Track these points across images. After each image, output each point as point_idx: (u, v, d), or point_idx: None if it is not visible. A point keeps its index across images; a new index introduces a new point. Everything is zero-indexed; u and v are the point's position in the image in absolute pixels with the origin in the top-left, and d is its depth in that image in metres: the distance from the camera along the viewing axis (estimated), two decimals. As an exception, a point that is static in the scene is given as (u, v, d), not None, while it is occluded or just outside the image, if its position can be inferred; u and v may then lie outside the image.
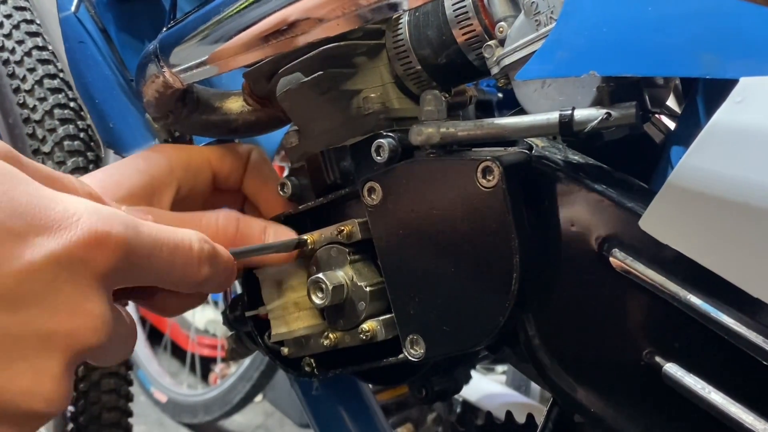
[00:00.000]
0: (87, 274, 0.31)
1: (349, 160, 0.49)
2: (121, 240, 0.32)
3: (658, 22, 0.33)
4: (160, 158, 0.51)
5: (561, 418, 0.47)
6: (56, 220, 0.31)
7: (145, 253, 0.34)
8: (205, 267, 0.39)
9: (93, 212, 0.32)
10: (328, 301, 0.45)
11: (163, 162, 0.50)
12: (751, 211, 0.30)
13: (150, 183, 0.49)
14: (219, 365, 2.26)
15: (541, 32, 0.38)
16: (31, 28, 0.81)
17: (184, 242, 0.37)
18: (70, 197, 0.32)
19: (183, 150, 0.54)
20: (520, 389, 1.34)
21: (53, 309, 0.30)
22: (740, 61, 0.30)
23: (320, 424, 0.64)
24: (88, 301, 0.31)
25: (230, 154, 0.55)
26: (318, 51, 0.46)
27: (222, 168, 0.54)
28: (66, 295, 0.31)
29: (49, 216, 0.31)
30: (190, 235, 0.38)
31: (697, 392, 0.34)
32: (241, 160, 0.55)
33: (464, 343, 0.42)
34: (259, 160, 0.55)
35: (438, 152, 0.42)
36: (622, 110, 0.36)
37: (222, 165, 0.54)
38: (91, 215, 0.32)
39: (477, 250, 0.40)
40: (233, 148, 0.56)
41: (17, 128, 0.76)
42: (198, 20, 0.46)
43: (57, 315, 0.30)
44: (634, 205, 0.36)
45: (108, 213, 0.33)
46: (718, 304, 0.33)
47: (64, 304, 0.31)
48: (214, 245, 0.40)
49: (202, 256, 0.39)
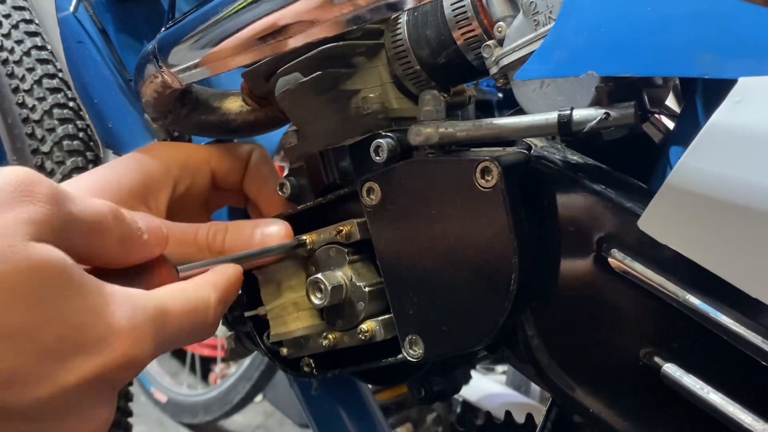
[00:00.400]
0: (112, 391, 0.33)
1: (348, 160, 0.49)
2: (148, 358, 0.33)
3: (657, 22, 0.33)
4: (157, 157, 0.51)
5: (560, 418, 0.47)
6: (94, 340, 0.31)
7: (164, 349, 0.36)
8: (215, 325, 0.40)
9: (130, 331, 0.32)
10: (327, 302, 0.45)
11: (159, 160, 0.50)
12: (749, 211, 0.30)
13: (145, 182, 0.49)
14: (219, 365, 2.26)
15: (540, 32, 0.38)
16: (30, 28, 0.80)
17: (197, 316, 0.38)
18: (114, 308, 0.32)
19: (180, 148, 0.54)
20: (520, 389, 1.34)
21: (70, 420, 0.31)
22: (739, 61, 0.30)
23: (319, 424, 0.64)
24: (102, 410, 0.33)
25: (230, 153, 0.55)
26: (317, 51, 0.46)
27: (221, 167, 0.54)
28: (85, 410, 0.32)
29: (89, 336, 0.31)
30: (207, 301, 0.38)
31: (696, 392, 0.34)
32: (241, 159, 0.55)
33: (463, 344, 0.42)
34: (260, 159, 0.55)
35: (437, 152, 0.42)
36: (620, 110, 0.36)
37: (221, 164, 0.54)
38: (128, 336, 0.32)
39: (476, 250, 0.40)
40: (234, 147, 0.56)
41: (16, 128, 0.76)
42: (196, 20, 0.46)
43: (70, 424, 0.31)
44: (632, 205, 0.36)
45: (142, 330, 0.33)
46: (717, 304, 0.33)
47: (80, 416, 0.32)
48: (225, 298, 0.40)
49: (216, 318, 0.39)
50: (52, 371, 0.30)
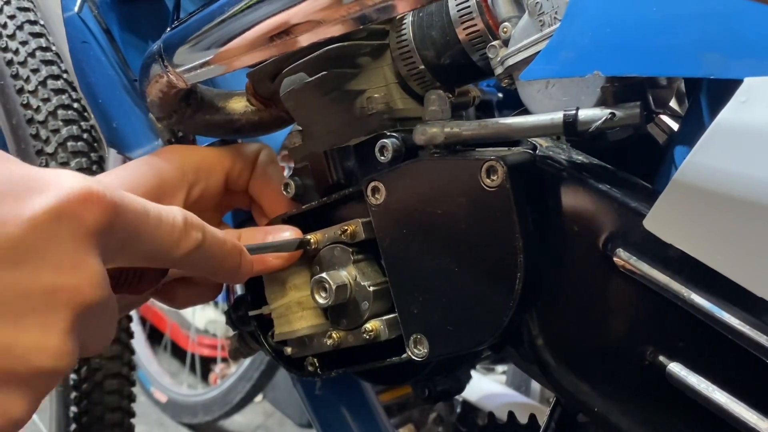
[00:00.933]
0: (83, 230, 0.32)
1: (352, 160, 0.49)
2: (109, 199, 0.33)
3: (663, 23, 0.33)
4: (171, 160, 0.51)
5: (564, 418, 0.47)
6: (48, 181, 0.32)
7: (131, 217, 0.35)
8: (191, 238, 0.39)
9: (82, 177, 0.33)
10: (332, 301, 0.45)
11: (173, 164, 0.50)
12: (755, 210, 0.30)
13: (160, 185, 0.49)
14: (219, 365, 2.25)
15: (546, 32, 0.39)
16: (34, 29, 0.80)
17: (169, 212, 0.38)
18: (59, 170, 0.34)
19: (194, 151, 0.54)
20: (520, 389, 1.34)
21: (57, 264, 0.31)
22: (744, 61, 0.30)
23: (323, 424, 0.64)
24: (87, 256, 0.32)
25: (241, 154, 0.55)
26: (322, 51, 0.46)
27: (234, 169, 0.54)
28: (67, 251, 0.31)
29: (42, 179, 0.32)
30: (175, 209, 0.39)
31: (701, 391, 0.34)
32: (250, 160, 0.55)
33: (468, 343, 0.42)
34: (267, 160, 0.55)
35: (442, 152, 0.42)
36: (626, 110, 0.36)
37: (234, 166, 0.54)
38: (81, 179, 0.33)
39: (481, 249, 0.40)
40: (243, 147, 0.55)
41: (21, 129, 0.76)
42: (202, 20, 0.46)
43: (61, 270, 0.31)
44: (638, 205, 0.36)
45: (96, 179, 0.34)
46: (723, 303, 0.33)
47: (66, 259, 0.31)
48: (206, 225, 0.41)
49: (188, 226, 0.39)
50: (13, 208, 0.30)
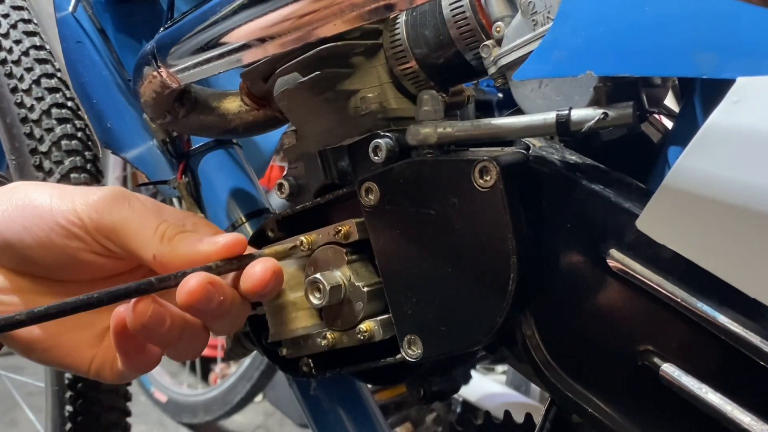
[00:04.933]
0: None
1: (346, 160, 0.49)
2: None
3: (656, 22, 0.33)
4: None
5: (559, 418, 0.47)
6: None
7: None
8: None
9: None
10: (326, 302, 0.45)
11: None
12: (748, 211, 0.30)
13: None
14: (219, 365, 2.26)
15: (538, 32, 0.38)
16: (28, 28, 0.80)
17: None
18: None
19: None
20: (519, 389, 1.34)
21: None
22: (737, 60, 0.30)
23: (319, 425, 0.64)
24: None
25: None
26: (315, 51, 0.46)
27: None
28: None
29: None
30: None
31: (694, 392, 0.34)
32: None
33: (461, 344, 0.42)
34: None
35: (435, 152, 0.42)
36: (619, 110, 0.36)
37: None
38: None
39: (474, 250, 0.40)
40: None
41: (15, 127, 0.76)
42: (195, 20, 0.46)
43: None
44: (631, 205, 0.36)
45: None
46: (715, 304, 0.33)
47: None
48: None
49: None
50: None
